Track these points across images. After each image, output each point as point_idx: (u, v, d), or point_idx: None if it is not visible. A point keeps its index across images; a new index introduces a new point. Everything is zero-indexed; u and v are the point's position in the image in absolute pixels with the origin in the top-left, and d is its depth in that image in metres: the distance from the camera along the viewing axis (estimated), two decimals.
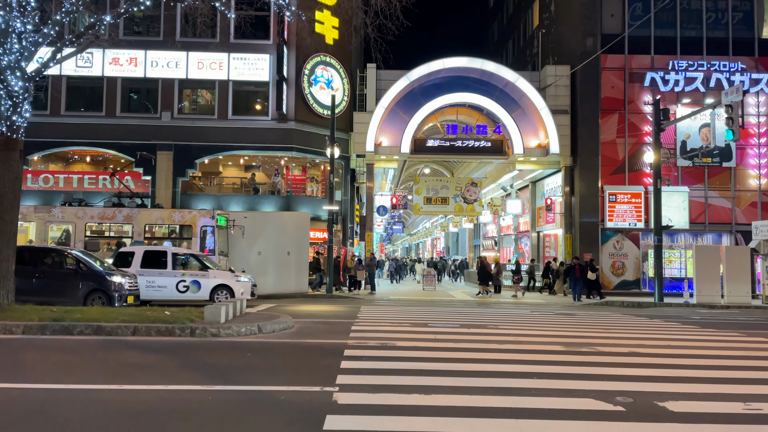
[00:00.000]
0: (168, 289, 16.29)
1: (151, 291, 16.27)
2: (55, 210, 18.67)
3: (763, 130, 26.58)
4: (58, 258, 14.50)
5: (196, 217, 18.97)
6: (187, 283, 16.36)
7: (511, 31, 41.58)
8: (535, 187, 32.82)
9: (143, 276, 16.12)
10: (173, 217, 19.11)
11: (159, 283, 16.27)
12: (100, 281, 13.83)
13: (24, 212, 18.43)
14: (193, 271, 16.55)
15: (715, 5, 26.98)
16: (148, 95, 26.59)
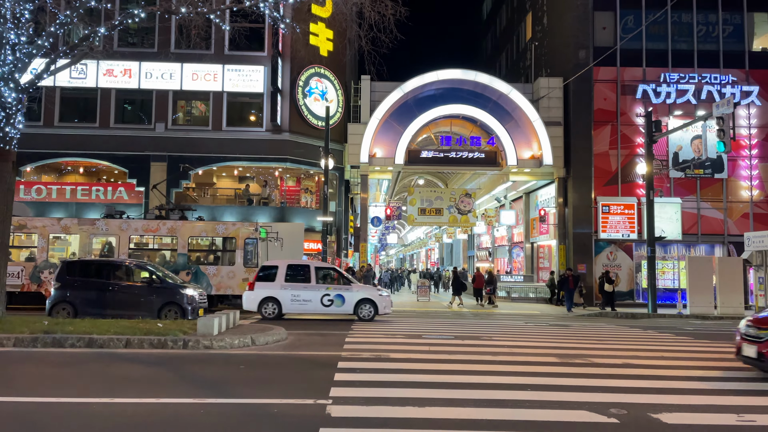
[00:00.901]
0: (313, 303, 16.31)
1: (296, 305, 16.35)
2: (99, 222, 18.61)
3: (755, 142, 26.81)
4: (132, 271, 14.61)
5: (239, 230, 18.92)
6: (332, 297, 16.33)
7: (504, 44, 41.90)
8: (528, 198, 32.93)
9: (287, 290, 16.28)
10: (217, 230, 19.05)
11: (304, 297, 16.29)
12: (173, 294, 13.87)
13: (68, 225, 18.52)
14: (336, 285, 16.58)
15: (706, 18, 27.29)
16: (142, 106, 26.58)
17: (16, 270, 17.64)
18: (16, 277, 17.71)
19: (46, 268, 17.98)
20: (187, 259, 18.55)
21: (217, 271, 18.55)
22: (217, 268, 18.70)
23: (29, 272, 17.96)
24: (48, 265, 18.09)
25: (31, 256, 18.34)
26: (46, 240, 18.31)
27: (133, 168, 25.71)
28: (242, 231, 18.89)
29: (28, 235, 18.61)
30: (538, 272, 31.50)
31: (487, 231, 39.78)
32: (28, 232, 18.35)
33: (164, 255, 19.02)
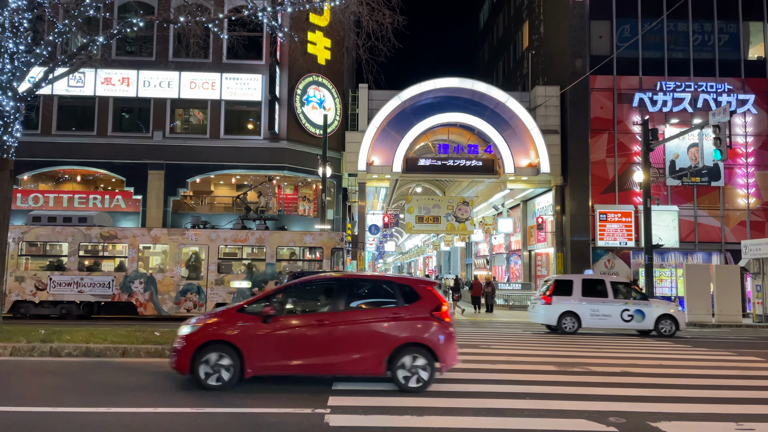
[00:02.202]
0: (612, 318, 16.25)
1: (595, 320, 16.34)
2: (188, 233, 18.67)
3: (751, 150, 26.92)
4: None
5: (326, 240, 19.02)
6: (631, 312, 16.22)
7: (501, 52, 42.08)
8: (526, 206, 32.97)
9: (585, 304, 16.30)
10: (304, 240, 19.09)
11: (603, 312, 16.26)
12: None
13: (158, 235, 18.61)
14: (634, 300, 16.47)
15: (702, 27, 27.47)
16: (140, 115, 26.60)
17: (107, 280, 17.76)
18: (107, 287, 17.88)
19: (136, 278, 18.11)
20: (275, 269, 18.59)
21: None
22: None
23: (120, 282, 18.01)
24: (138, 275, 18.20)
25: (121, 266, 18.40)
26: (137, 250, 18.36)
27: (130, 176, 25.70)
28: (329, 241, 18.97)
29: (116, 246, 18.70)
30: (536, 280, 31.49)
31: (484, 239, 39.79)
32: (119, 242, 18.43)
33: (253, 265, 19.05)
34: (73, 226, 18.15)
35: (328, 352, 7.46)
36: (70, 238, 18.00)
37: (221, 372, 7.34)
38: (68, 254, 18.01)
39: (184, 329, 7.68)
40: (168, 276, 18.25)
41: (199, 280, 18.34)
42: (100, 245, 18.66)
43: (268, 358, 7.45)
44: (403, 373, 7.46)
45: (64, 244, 18.18)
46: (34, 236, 18.06)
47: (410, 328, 7.60)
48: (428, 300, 7.81)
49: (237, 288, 18.29)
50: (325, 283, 8.34)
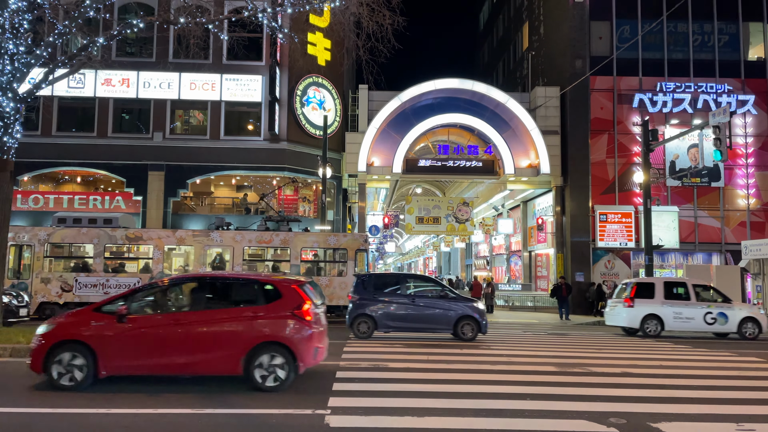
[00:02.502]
0: (695, 321, 16.23)
1: (678, 323, 16.33)
2: (213, 234, 18.65)
3: (751, 151, 26.92)
4: (432, 286, 14.87)
5: (350, 241, 19.01)
6: (714, 315, 16.19)
7: (501, 53, 42.10)
8: (526, 206, 32.98)
9: (668, 306, 16.32)
10: (328, 241, 19.12)
11: (686, 315, 16.23)
12: (469, 309, 13.95)
13: (183, 236, 18.58)
14: (717, 303, 16.45)
15: (702, 28, 27.47)
16: (140, 116, 26.61)
17: (133, 281, 17.78)
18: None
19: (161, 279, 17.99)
20: (299, 270, 18.64)
21: (329, 282, 18.58)
22: (329, 279, 18.76)
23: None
24: (163, 276, 18.14)
25: (146, 268, 18.43)
26: (162, 251, 18.40)
27: (130, 177, 25.71)
28: (353, 242, 18.99)
29: (141, 247, 18.77)
30: (536, 281, 31.49)
31: (484, 240, 39.79)
32: (144, 244, 18.48)
33: (278, 267, 19.10)
34: (98, 227, 18.20)
35: (184, 352, 7.42)
36: (96, 239, 18.05)
37: (74, 372, 7.26)
38: (94, 256, 18.05)
39: (40, 328, 7.62)
40: None
41: None
42: (125, 247, 18.73)
43: (122, 358, 7.41)
44: (260, 372, 7.44)
45: (89, 246, 18.26)
46: (60, 238, 18.11)
47: (269, 327, 7.57)
48: (290, 299, 7.78)
49: None
50: (187, 282, 8.29)
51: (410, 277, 16.29)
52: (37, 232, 17.98)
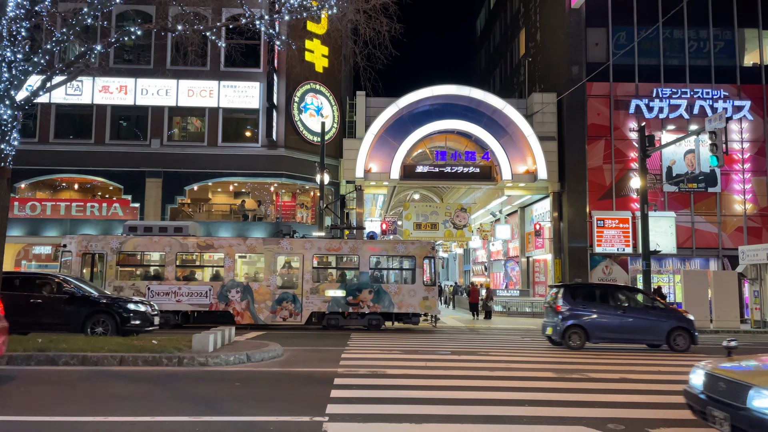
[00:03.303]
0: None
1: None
2: (283, 242, 18.85)
3: (747, 156, 27.02)
4: (641, 297, 15.02)
5: (418, 249, 19.01)
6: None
7: (498, 60, 42.24)
8: (523, 212, 33.01)
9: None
10: (396, 249, 19.19)
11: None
12: (681, 321, 14.05)
13: (254, 244, 18.78)
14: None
15: (697, 34, 27.62)
16: (138, 122, 26.62)
17: (205, 289, 17.93)
18: (204, 296, 18.02)
19: (233, 288, 18.23)
20: (369, 278, 18.68)
21: (398, 290, 18.64)
22: (398, 286, 18.79)
23: (217, 291, 18.14)
24: (235, 284, 18.33)
25: (217, 276, 18.52)
26: (233, 259, 18.49)
27: (128, 184, 25.69)
28: (421, 250, 19.02)
29: (212, 255, 18.90)
30: (534, 286, 31.49)
31: (482, 245, 39.80)
32: (215, 252, 18.59)
33: (345, 274, 19.20)
34: (169, 235, 18.39)
35: None
36: (168, 247, 18.21)
37: None
38: (166, 264, 18.21)
39: None
40: (264, 285, 18.41)
41: (294, 289, 18.49)
42: (197, 255, 18.85)
43: None
44: None
45: (161, 254, 18.40)
46: (132, 246, 18.27)
47: None
48: None
49: (332, 297, 18.47)
50: None
51: (619, 288, 15.99)
52: (109, 241, 18.19)
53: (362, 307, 18.38)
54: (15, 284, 13.77)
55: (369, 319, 18.51)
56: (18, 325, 11.92)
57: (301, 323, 18.44)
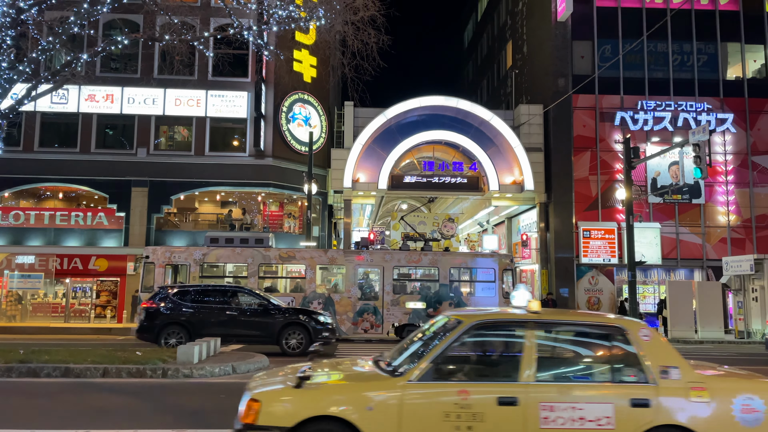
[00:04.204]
0: None
1: None
2: (363, 253, 19.00)
3: (730, 168, 27.37)
4: None
5: (498, 261, 19.16)
6: None
7: (485, 71, 42.58)
8: (511, 222, 33.16)
9: None
10: (476, 261, 19.36)
11: None
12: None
13: (335, 256, 19.02)
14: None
15: (681, 48, 28.03)
16: (124, 131, 26.46)
17: (287, 301, 17.71)
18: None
19: (314, 299, 18.26)
20: (448, 290, 18.68)
21: (478, 302, 18.71)
22: (478, 298, 18.88)
23: (299, 303, 18.05)
24: (317, 295, 18.32)
25: (299, 287, 18.60)
26: (314, 271, 18.52)
27: (113, 193, 25.48)
28: (500, 262, 19.10)
29: (294, 267, 18.96)
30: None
31: None
32: (297, 263, 18.63)
33: (429, 286, 19.15)
34: (251, 247, 18.42)
35: None
36: (250, 259, 18.20)
37: None
38: (248, 275, 18.21)
39: None
40: (345, 297, 18.38)
41: (375, 301, 18.48)
42: (278, 266, 18.89)
43: None
44: None
45: (243, 265, 18.43)
46: (215, 257, 18.22)
47: None
48: None
49: (412, 309, 18.48)
50: None
51: None
52: (192, 252, 18.21)
53: None
54: (209, 296, 14.27)
55: None
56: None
57: (382, 335, 18.42)
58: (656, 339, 4.99)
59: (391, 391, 4.61)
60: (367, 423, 4.47)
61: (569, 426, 4.57)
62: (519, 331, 4.97)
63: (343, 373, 5.13)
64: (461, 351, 5.07)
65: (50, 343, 14.51)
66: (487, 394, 4.62)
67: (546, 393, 4.65)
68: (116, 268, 24.45)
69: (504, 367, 5.08)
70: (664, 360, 4.85)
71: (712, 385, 4.80)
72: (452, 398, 4.59)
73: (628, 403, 4.63)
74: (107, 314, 24.45)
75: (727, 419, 4.69)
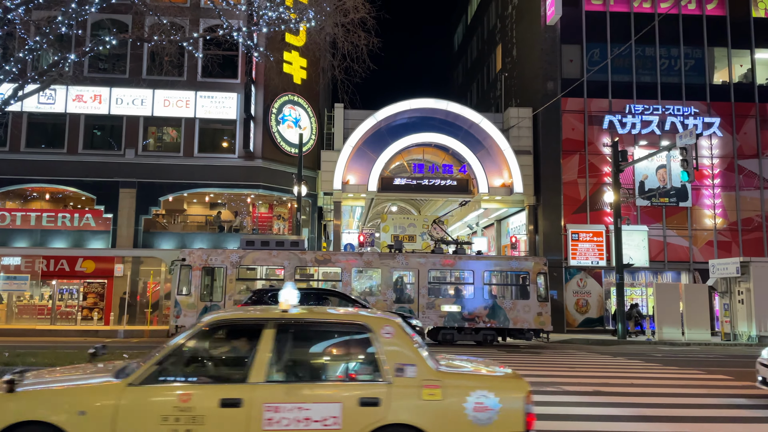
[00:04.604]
0: None
1: None
2: (399, 257, 19.17)
3: (717, 172, 27.63)
4: None
5: (533, 264, 19.28)
6: None
7: (475, 74, 42.73)
8: (500, 225, 33.27)
9: None
10: (510, 265, 19.50)
11: None
12: None
13: (370, 260, 19.32)
14: None
15: (669, 52, 28.28)
16: (112, 132, 26.25)
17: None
18: None
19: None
20: (483, 293, 18.79)
21: (513, 305, 18.81)
22: (513, 302, 18.96)
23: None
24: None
25: None
26: (350, 274, 18.77)
27: (101, 195, 25.28)
28: (535, 266, 19.20)
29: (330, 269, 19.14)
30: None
31: None
32: (332, 266, 18.81)
33: (460, 290, 19.27)
34: (287, 249, 18.55)
35: None
36: (287, 261, 18.35)
37: None
38: (285, 278, 18.33)
39: None
40: (380, 300, 18.51)
41: (411, 304, 18.62)
42: (314, 269, 19.06)
43: None
44: None
45: (279, 268, 18.54)
46: (252, 260, 18.35)
47: None
48: None
49: (447, 312, 18.60)
50: None
51: None
52: (228, 255, 18.33)
53: (477, 322, 18.61)
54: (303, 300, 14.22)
55: (484, 334, 18.66)
56: None
57: None
58: (399, 336, 4.87)
59: (108, 394, 4.53)
60: (77, 427, 4.40)
61: (294, 427, 4.50)
62: (256, 332, 4.85)
63: (71, 377, 4.99)
64: (193, 353, 4.95)
65: (36, 346, 14.35)
66: (210, 396, 4.53)
67: (272, 394, 4.56)
68: (103, 269, 24.24)
69: (235, 369, 4.89)
70: (401, 358, 4.76)
71: (446, 383, 4.70)
72: (172, 400, 4.52)
73: (357, 403, 4.56)
74: (94, 316, 24.22)
75: (458, 417, 4.58)
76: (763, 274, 21.14)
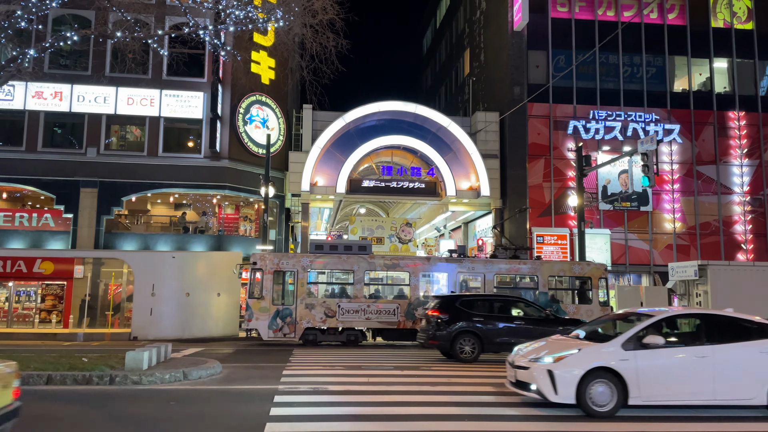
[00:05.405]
0: None
1: None
2: (465, 262, 19.33)
3: (677, 177, 28.39)
4: None
5: (594, 270, 19.34)
6: None
7: (443, 78, 43.04)
8: (467, 228, 33.54)
9: None
10: (573, 269, 19.39)
11: None
12: None
13: (437, 264, 19.24)
14: None
15: (631, 60, 28.97)
16: (73, 130, 25.60)
17: (392, 307, 18.35)
18: (392, 314, 18.39)
19: (419, 305, 18.42)
20: (547, 297, 18.70)
21: (576, 310, 18.72)
22: (576, 306, 18.92)
23: (404, 309, 18.42)
24: (421, 302, 18.35)
25: (402, 294, 18.86)
26: (417, 278, 18.81)
27: (61, 194, 24.62)
28: (596, 270, 19.26)
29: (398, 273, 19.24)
30: None
31: None
32: (401, 270, 19.01)
33: (528, 293, 19.11)
34: (355, 254, 18.66)
35: None
36: (356, 266, 18.44)
37: None
38: (354, 282, 18.44)
39: None
40: None
41: None
42: (383, 273, 19.17)
43: None
44: None
45: (349, 273, 18.56)
46: (322, 264, 18.48)
47: None
48: None
49: None
50: None
51: None
52: (299, 259, 18.44)
53: None
54: (493, 305, 15.09)
55: None
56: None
57: None
58: None
59: None
60: None
61: None
62: None
63: None
64: None
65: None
66: None
67: None
68: (63, 271, 23.53)
69: None
70: None
71: None
72: None
73: None
74: (53, 319, 23.54)
75: None
76: (720, 276, 21.76)
